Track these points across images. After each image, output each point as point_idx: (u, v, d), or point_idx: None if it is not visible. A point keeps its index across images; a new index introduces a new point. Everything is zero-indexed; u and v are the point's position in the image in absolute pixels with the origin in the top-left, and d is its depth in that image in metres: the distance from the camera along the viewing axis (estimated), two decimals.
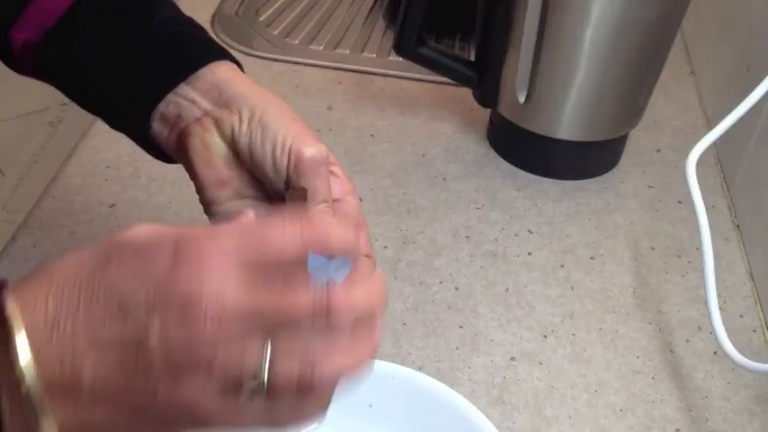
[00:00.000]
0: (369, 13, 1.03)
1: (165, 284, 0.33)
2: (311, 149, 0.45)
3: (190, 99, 0.47)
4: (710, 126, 0.73)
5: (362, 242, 0.47)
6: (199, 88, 0.47)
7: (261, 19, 1.00)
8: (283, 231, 0.34)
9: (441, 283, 0.67)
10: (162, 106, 0.48)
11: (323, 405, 0.35)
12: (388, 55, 0.94)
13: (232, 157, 0.47)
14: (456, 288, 0.67)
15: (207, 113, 0.47)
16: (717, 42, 0.89)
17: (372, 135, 0.82)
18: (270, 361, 0.33)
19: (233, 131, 0.46)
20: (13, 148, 2.08)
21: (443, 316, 0.64)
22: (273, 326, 0.33)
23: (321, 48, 0.95)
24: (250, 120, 0.46)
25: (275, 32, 0.98)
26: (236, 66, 0.49)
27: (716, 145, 0.79)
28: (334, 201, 0.47)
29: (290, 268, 0.34)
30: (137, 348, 0.32)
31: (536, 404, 0.58)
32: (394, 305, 0.65)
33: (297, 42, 0.96)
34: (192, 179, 0.48)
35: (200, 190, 0.48)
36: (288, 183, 0.46)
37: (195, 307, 0.32)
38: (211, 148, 0.47)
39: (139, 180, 0.74)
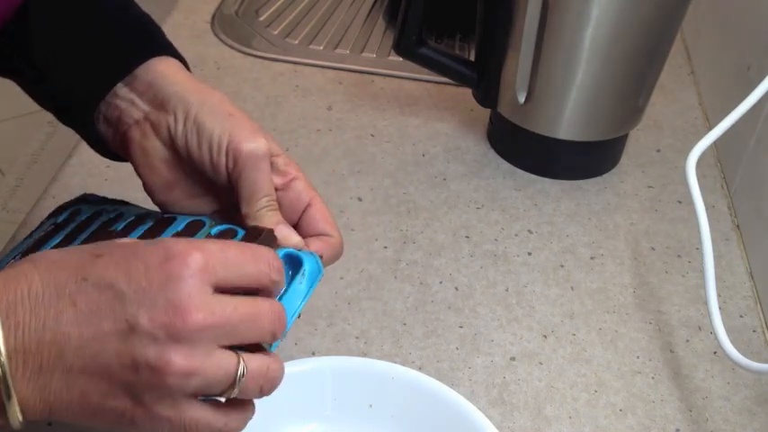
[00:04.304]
0: (369, 13, 1.03)
1: (155, 281, 0.34)
2: (249, 145, 0.44)
3: (128, 100, 0.47)
4: (710, 126, 0.73)
5: (320, 219, 0.47)
6: (136, 88, 0.47)
7: (261, 19, 1.00)
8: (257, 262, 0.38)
9: (441, 283, 0.67)
10: (103, 108, 0.47)
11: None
12: (388, 55, 0.94)
13: (174, 158, 0.47)
14: (456, 288, 0.67)
15: (145, 116, 0.47)
16: (717, 42, 0.89)
17: (372, 135, 0.82)
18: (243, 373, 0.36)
19: (170, 134, 0.46)
20: (13, 148, 2.07)
21: (443, 316, 0.64)
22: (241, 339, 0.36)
23: (321, 48, 0.95)
24: (185, 120, 0.45)
25: (275, 32, 0.98)
26: (175, 60, 0.48)
27: (716, 145, 0.79)
28: (278, 191, 0.46)
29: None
30: (123, 335, 0.34)
31: (536, 404, 0.58)
32: (394, 305, 0.65)
33: (297, 42, 0.96)
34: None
35: (149, 194, 0.49)
36: (231, 181, 0.45)
37: (182, 311, 0.34)
38: (151, 153, 0.47)
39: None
